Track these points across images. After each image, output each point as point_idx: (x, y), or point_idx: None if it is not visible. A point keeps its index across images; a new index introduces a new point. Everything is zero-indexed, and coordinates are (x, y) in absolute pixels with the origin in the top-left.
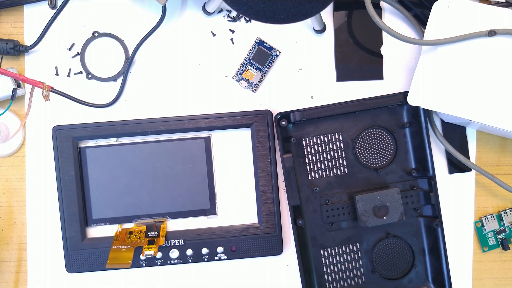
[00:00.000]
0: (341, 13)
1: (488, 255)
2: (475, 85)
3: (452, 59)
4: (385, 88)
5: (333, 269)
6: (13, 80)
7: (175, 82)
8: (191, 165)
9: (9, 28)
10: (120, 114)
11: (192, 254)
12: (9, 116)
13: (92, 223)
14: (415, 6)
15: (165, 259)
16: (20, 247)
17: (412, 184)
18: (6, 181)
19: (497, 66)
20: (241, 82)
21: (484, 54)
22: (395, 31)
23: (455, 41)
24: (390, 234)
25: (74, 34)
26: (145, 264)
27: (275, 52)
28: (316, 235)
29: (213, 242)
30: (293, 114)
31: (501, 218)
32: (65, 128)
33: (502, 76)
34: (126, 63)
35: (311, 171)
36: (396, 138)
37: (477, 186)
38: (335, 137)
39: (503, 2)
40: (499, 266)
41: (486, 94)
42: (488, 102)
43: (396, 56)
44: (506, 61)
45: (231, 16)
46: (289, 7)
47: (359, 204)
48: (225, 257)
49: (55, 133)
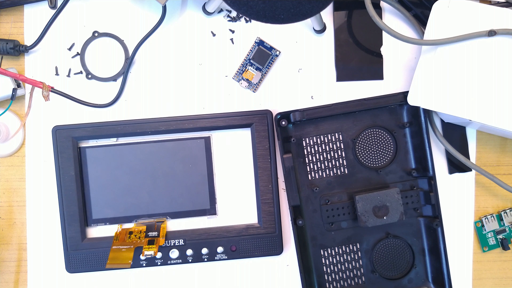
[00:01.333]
0: (341, 13)
1: (488, 255)
2: (475, 85)
3: (452, 59)
4: (385, 88)
5: (333, 269)
6: (13, 80)
7: (175, 82)
8: (191, 165)
9: (9, 28)
10: (120, 114)
11: (192, 254)
12: (9, 116)
13: (92, 223)
14: (415, 6)
15: (165, 259)
16: (20, 247)
17: (412, 184)
18: (6, 181)
19: (497, 66)
20: (241, 82)
21: (484, 54)
22: (395, 31)
23: (455, 41)
24: (390, 234)
25: (74, 34)
26: (145, 264)
27: (275, 52)
28: (316, 235)
29: (213, 242)
30: (293, 114)
31: (501, 218)
32: (65, 128)
33: (502, 76)
34: (126, 63)
35: (311, 171)
36: (396, 138)
37: (477, 186)
38: (335, 137)
39: (503, 2)
40: (499, 266)
41: (486, 94)
42: (488, 102)
43: (396, 56)
44: (506, 61)
45: (231, 16)
46: (289, 7)
47: (359, 204)
48: (225, 257)
49: (55, 133)
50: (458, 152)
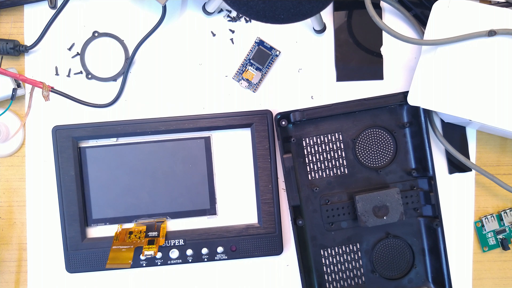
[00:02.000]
0: (341, 13)
1: (488, 255)
2: (475, 85)
3: (452, 59)
4: (385, 88)
5: (333, 269)
6: (13, 80)
7: (175, 82)
8: (191, 165)
9: (9, 28)
10: (120, 114)
11: (192, 254)
12: (9, 116)
13: (92, 223)
14: (415, 6)
15: (165, 259)
16: (20, 247)
17: (412, 184)
18: (6, 181)
19: (497, 66)
20: (241, 82)
21: (484, 54)
22: (395, 31)
23: (455, 41)
24: (390, 234)
25: (74, 34)
26: (145, 264)
27: (275, 52)
28: (316, 235)
29: (213, 242)
30: (293, 114)
31: (501, 218)
32: (65, 128)
33: (502, 76)
34: (126, 63)
35: (311, 171)
36: (396, 138)
37: (477, 186)
38: (335, 137)
39: (503, 2)
40: (499, 266)
41: (486, 94)
42: (488, 102)
43: (396, 56)
44: (506, 61)
45: (231, 16)
46: (289, 7)
47: (359, 204)
48: (225, 257)
49: (55, 133)
50: (458, 152)
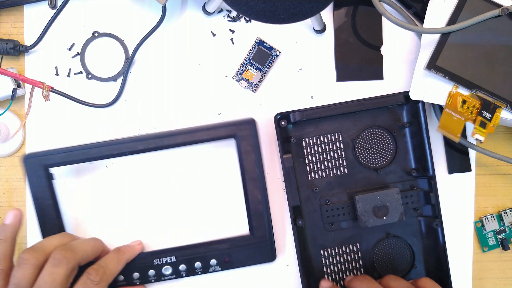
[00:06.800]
0: (341, 13)
1: (488, 255)
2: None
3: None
4: (385, 88)
5: (333, 269)
6: (13, 80)
7: (175, 82)
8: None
9: (9, 28)
10: (120, 114)
11: (186, 269)
12: (9, 116)
13: None
14: (413, 1)
15: (159, 276)
16: (20, 247)
17: (412, 184)
18: (6, 181)
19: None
20: (241, 82)
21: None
22: (395, 17)
23: (457, 28)
24: (390, 234)
25: (74, 34)
26: (139, 283)
27: (275, 52)
28: (316, 235)
29: (205, 257)
30: (293, 114)
31: (501, 218)
32: (36, 156)
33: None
34: (126, 63)
35: (311, 171)
36: (396, 138)
37: (477, 186)
38: (335, 137)
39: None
40: (499, 266)
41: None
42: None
43: (396, 56)
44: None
45: (231, 16)
46: (289, 7)
47: (359, 204)
48: (219, 268)
49: (27, 162)
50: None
